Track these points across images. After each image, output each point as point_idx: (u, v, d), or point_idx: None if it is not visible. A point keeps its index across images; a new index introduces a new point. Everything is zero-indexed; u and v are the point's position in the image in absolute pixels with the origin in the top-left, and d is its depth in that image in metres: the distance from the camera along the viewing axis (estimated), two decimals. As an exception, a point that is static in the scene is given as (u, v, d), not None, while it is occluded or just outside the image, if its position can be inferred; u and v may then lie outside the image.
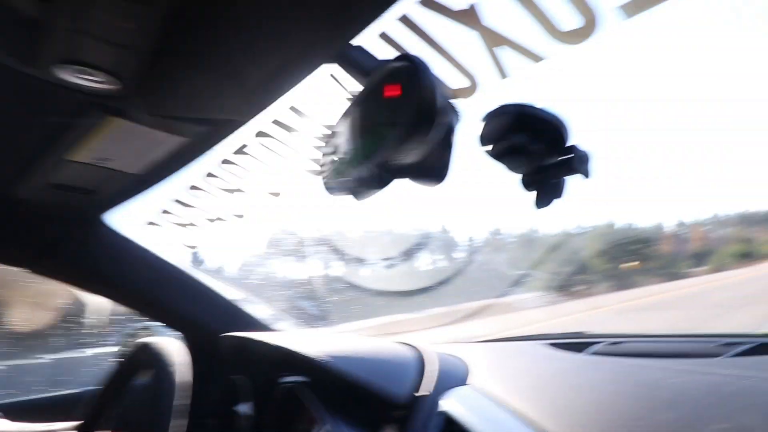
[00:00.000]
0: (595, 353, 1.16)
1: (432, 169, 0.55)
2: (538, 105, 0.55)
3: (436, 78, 0.46)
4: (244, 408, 1.13)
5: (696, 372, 0.81)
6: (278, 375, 1.01)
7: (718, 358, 0.90)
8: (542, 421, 0.76)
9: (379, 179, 0.54)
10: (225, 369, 1.23)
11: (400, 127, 0.48)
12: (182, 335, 1.42)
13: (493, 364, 1.31)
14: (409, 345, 1.12)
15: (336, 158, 0.60)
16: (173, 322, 1.42)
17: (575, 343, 1.30)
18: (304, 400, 0.92)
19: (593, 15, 0.48)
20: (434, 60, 0.58)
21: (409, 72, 0.47)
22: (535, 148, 0.56)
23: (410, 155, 0.50)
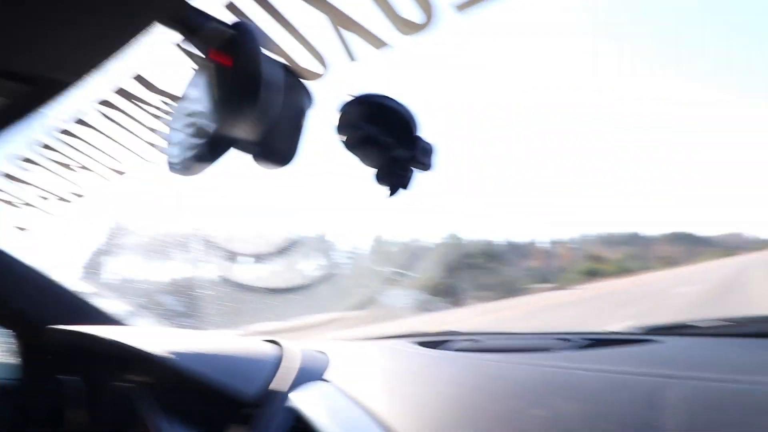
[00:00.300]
0: (456, 349, 1.22)
1: (275, 149, 0.52)
2: (389, 95, 0.55)
3: (269, 50, 0.44)
4: (74, 413, 1.00)
5: (534, 364, 0.87)
6: (113, 375, 0.90)
7: (555, 352, 0.99)
8: (388, 416, 0.76)
9: (211, 152, 0.50)
10: (55, 368, 1.08)
11: (230, 99, 0.45)
12: (11, 331, 1.23)
13: (356, 361, 1.31)
14: (271, 342, 1.08)
15: (174, 131, 0.55)
16: (-3, 315, 1.22)
17: (441, 341, 1.35)
18: (138, 403, 0.83)
19: (431, 8, 0.50)
20: (283, 38, 0.55)
21: (240, 41, 0.43)
22: (386, 139, 0.56)
23: (245, 130, 0.47)
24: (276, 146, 0.52)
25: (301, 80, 0.53)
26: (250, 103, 0.43)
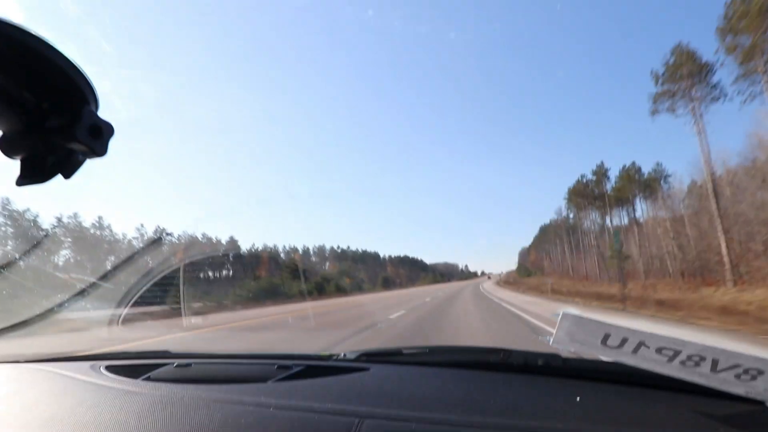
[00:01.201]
0: (150, 378, 1.04)
1: None
2: (42, 36, 0.38)
3: None
4: None
5: (243, 402, 0.80)
6: None
7: (268, 382, 0.94)
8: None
9: None
10: None
11: None
12: None
13: (15, 389, 1.01)
14: None
15: None
16: None
17: (136, 366, 1.15)
18: None
19: None
20: None
21: None
22: (25, 96, 0.39)
23: None
24: None
25: None
26: None
